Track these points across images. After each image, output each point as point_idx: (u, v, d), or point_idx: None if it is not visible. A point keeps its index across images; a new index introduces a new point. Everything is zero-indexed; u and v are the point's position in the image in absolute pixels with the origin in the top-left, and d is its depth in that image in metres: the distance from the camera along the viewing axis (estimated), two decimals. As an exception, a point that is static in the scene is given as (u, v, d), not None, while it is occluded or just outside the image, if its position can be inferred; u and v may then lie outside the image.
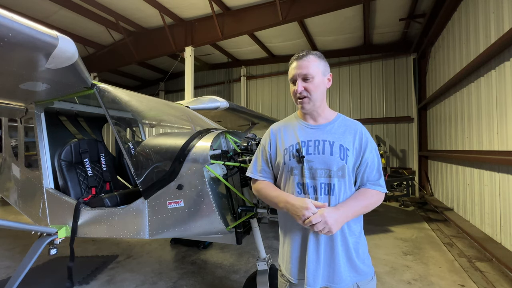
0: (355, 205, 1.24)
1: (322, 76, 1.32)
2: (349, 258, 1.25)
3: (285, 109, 11.11)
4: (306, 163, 1.27)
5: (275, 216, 2.07)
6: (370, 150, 1.31)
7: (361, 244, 1.31)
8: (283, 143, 1.37)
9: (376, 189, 1.30)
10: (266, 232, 4.75)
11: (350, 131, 1.33)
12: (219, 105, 4.74)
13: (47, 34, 1.56)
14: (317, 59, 1.32)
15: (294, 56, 1.35)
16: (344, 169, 1.25)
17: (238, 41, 9.53)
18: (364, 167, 1.30)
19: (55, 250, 2.54)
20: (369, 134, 1.36)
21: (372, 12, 7.38)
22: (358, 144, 1.31)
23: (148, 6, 7.61)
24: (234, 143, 2.57)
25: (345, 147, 1.28)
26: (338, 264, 1.23)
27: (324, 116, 1.38)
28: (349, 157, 1.27)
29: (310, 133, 1.34)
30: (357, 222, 1.32)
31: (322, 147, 1.28)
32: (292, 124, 1.42)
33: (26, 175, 3.09)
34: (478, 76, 4.72)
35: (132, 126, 4.48)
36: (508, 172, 3.77)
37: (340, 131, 1.33)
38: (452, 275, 3.29)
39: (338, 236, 1.24)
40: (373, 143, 1.34)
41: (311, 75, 1.28)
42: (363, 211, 1.28)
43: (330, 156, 1.26)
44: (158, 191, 2.17)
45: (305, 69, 1.29)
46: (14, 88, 2.26)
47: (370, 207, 1.28)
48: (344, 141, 1.29)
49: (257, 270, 2.34)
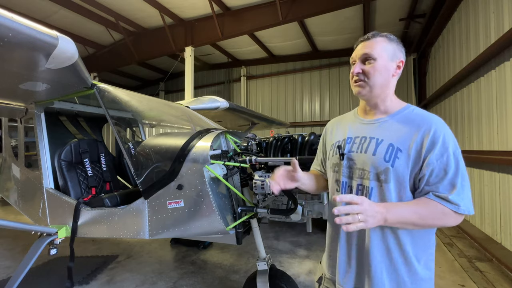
0: (404, 208, 0.98)
1: (389, 60, 1.10)
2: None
3: (285, 109, 11.11)
4: (347, 160, 1.16)
5: (275, 216, 2.07)
6: (440, 154, 0.98)
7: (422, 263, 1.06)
8: (333, 138, 1.30)
9: (441, 203, 0.97)
10: (266, 232, 4.75)
11: (412, 127, 1.05)
12: (219, 105, 4.74)
13: (47, 34, 1.56)
14: (386, 40, 1.12)
15: (361, 38, 1.17)
16: (388, 172, 1.03)
17: (238, 41, 9.54)
18: (427, 175, 1.00)
19: (55, 250, 2.54)
20: (447, 133, 1.02)
21: (372, 12, 7.39)
22: (420, 143, 1.01)
23: (148, 6, 7.62)
24: (234, 143, 2.57)
25: (396, 147, 1.04)
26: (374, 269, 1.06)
27: (384, 109, 1.16)
28: (400, 159, 1.02)
29: (361, 129, 1.19)
30: (418, 245, 1.06)
31: (367, 145, 1.12)
32: (347, 118, 1.31)
33: (26, 175, 3.09)
34: (478, 76, 4.72)
35: (132, 126, 4.48)
36: (508, 172, 3.77)
37: (397, 127, 1.09)
38: (452, 275, 3.28)
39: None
40: (450, 146, 1.00)
41: (373, 56, 1.09)
42: (415, 222, 0.98)
43: (372, 156, 1.08)
44: (158, 191, 2.17)
45: (366, 48, 1.10)
46: (14, 88, 2.26)
47: (429, 220, 0.98)
48: (398, 140, 1.05)
49: (257, 270, 2.34)
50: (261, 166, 2.16)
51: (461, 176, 0.98)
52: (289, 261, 3.65)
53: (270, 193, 1.90)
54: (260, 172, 2.02)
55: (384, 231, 1.05)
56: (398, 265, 1.05)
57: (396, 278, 1.05)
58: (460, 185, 0.98)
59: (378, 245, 1.06)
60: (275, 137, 2.59)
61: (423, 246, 1.06)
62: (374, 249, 1.07)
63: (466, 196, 0.98)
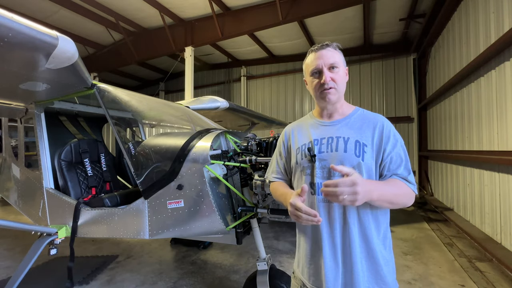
0: (383, 185, 1.10)
1: (344, 67, 1.26)
2: (371, 260, 1.13)
3: (285, 109, 11.11)
4: (319, 162, 1.19)
5: (275, 216, 2.07)
6: (393, 145, 1.16)
7: (387, 246, 1.18)
8: (296, 143, 1.31)
9: (406, 184, 1.14)
10: (266, 232, 4.75)
11: (368, 125, 1.20)
12: (219, 105, 4.74)
13: (47, 34, 1.56)
14: (338, 50, 1.25)
15: (313, 47, 1.26)
16: (360, 166, 1.13)
17: (238, 41, 9.53)
18: (387, 163, 1.15)
19: (55, 250, 2.54)
20: (393, 127, 1.21)
21: (372, 12, 7.39)
22: (378, 138, 1.17)
23: (148, 6, 7.62)
24: (234, 143, 2.57)
25: (362, 143, 1.16)
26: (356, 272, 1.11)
27: (342, 112, 1.27)
28: (367, 153, 1.15)
29: (324, 131, 1.25)
30: (385, 216, 1.18)
31: (336, 144, 1.19)
32: (306, 123, 1.36)
33: (26, 175, 3.09)
34: (478, 76, 4.72)
35: (132, 126, 4.48)
36: (508, 172, 3.77)
37: (356, 125, 1.21)
38: (452, 275, 3.28)
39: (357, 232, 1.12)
40: (398, 138, 1.19)
41: (338, 64, 1.21)
42: (391, 199, 1.10)
43: (344, 153, 1.15)
44: (158, 191, 2.17)
45: (331, 58, 1.20)
46: (14, 88, 2.26)
47: (400, 198, 1.12)
48: (361, 137, 1.18)
49: (257, 270, 2.34)
50: (261, 166, 2.16)
51: (409, 162, 1.18)
52: (289, 261, 3.65)
53: (270, 193, 1.90)
54: (260, 172, 2.02)
55: (362, 219, 1.13)
56: (374, 252, 1.13)
57: (373, 264, 1.13)
58: (410, 169, 1.18)
59: (358, 236, 1.13)
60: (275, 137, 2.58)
61: (386, 230, 1.19)
62: (355, 244, 1.12)
63: (413, 177, 1.18)
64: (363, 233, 1.13)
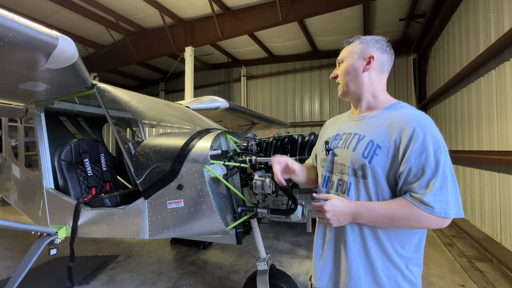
0: (374, 209, 1.00)
1: (357, 60, 1.17)
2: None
3: (285, 109, 11.11)
4: (331, 156, 1.20)
5: (275, 216, 2.07)
6: (419, 152, 0.95)
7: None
8: (326, 135, 1.35)
9: (416, 205, 0.94)
10: (266, 232, 4.75)
11: (394, 125, 1.03)
12: (219, 105, 4.74)
13: (47, 34, 1.56)
14: (357, 42, 1.22)
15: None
16: (365, 169, 1.04)
17: (238, 41, 9.54)
18: (404, 173, 0.97)
19: (55, 250, 2.54)
20: (428, 132, 0.97)
21: (372, 12, 7.39)
22: (398, 141, 0.99)
23: (148, 6, 7.62)
24: (234, 143, 2.57)
25: (376, 144, 1.04)
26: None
27: (368, 106, 1.19)
28: (378, 156, 1.02)
29: (349, 126, 1.22)
30: (396, 236, 1.05)
31: (350, 141, 1.14)
32: (342, 117, 1.37)
33: (26, 175, 3.09)
34: (478, 76, 4.72)
35: (132, 126, 4.48)
36: (508, 172, 3.77)
37: (380, 124, 1.08)
38: (452, 275, 3.29)
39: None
40: (430, 145, 0.95)
41: (341, 59, 1.25)
42: (388, 223, 0.99)
43: (352, 152, 1.09)
44: (158, 191, 2.17)
45: (340, 55, 1.26)
46: (14, 88, 2.26)
47: (402, 222, 0.97)
48: (378, 137, 1.05)
49: (257, 270, 2.34)
50: (261, 166, 2.16)
51: (442, 177, 0.93)
52: (289, 261, 3.65)
53: (270, 193, 1.90)
54: (260, 172, 2.02)
55: (362, 226, 1.07)
56: (375, 261, 1.04)
57: (372, 273, 1.05)
58: (439, 186, 0.92)
59: (355, 241, 1.08)
60: (275, 137, 2.59)
61: (403, 243, 1.05)
62: (351, 245, 1.08)
63: (444, 198, 0.92)
64: (362, 235, 1.08)
